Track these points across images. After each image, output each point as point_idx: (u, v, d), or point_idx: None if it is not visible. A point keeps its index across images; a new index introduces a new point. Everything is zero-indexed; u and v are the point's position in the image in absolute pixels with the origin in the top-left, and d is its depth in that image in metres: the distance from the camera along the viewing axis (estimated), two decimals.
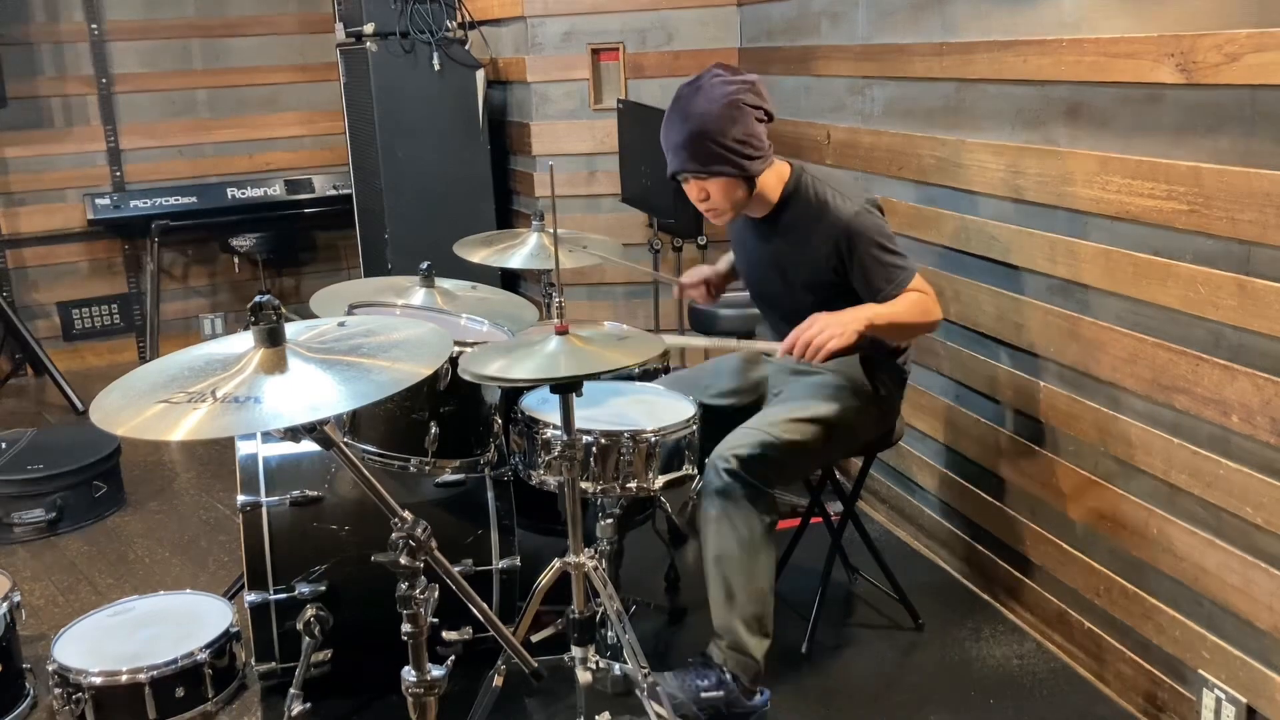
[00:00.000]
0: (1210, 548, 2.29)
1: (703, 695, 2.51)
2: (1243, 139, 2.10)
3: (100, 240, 5.50)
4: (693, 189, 2.57)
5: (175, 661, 2.55)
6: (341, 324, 1.76)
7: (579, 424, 2.25)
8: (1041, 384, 2.77)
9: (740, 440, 2.51)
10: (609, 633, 2.47)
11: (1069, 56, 2.52)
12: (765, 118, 2.52)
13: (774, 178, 2.59)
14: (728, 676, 2.51)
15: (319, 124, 5.80)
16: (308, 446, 1.87)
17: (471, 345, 2.43)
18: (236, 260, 5.57)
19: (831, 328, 2.39)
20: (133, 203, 5.34)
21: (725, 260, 2.99)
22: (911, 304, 2.50)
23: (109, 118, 5.43)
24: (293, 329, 1.66)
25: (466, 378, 2.21)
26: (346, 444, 2.41)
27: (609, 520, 2.53)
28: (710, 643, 2.55)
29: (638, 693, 2.35)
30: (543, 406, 2.49)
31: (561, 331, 2.22)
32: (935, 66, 3.04)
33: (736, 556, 2.47)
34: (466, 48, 4.69)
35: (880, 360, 2.69)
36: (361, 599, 2.54)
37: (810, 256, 2.58)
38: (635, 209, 4.32)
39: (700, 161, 2.49)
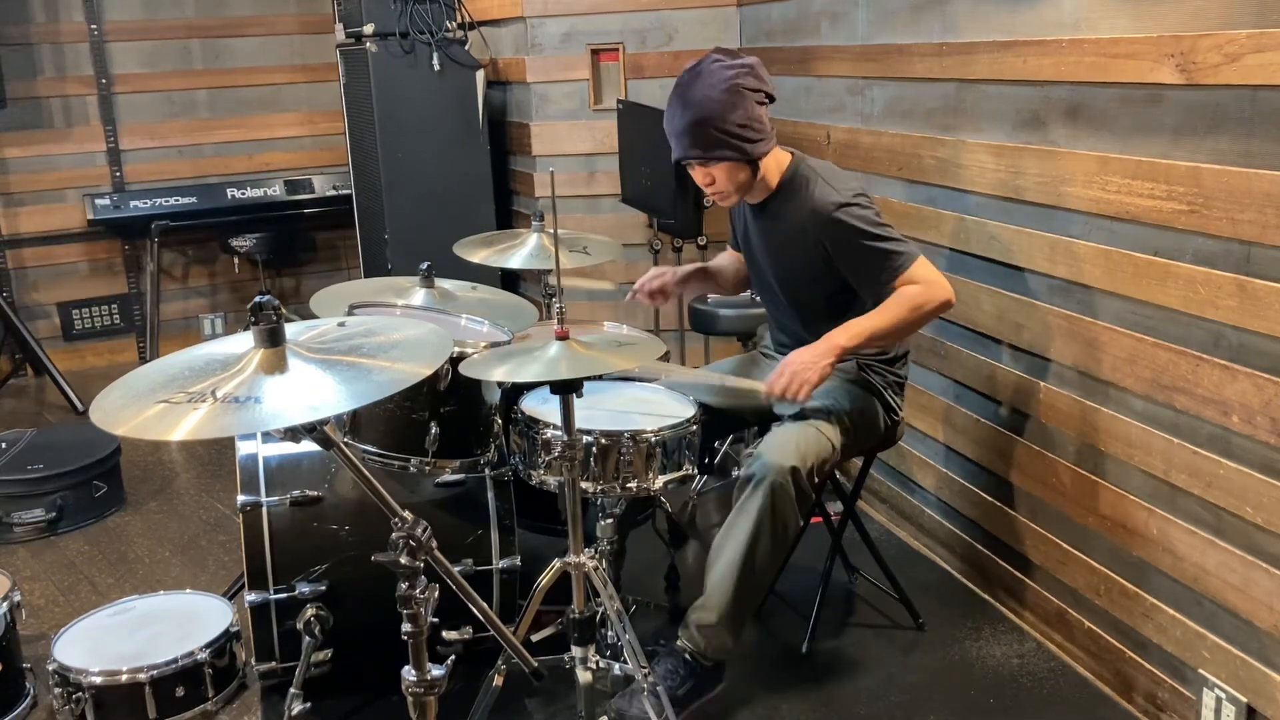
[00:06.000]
0: (1210, 547, 2.29)
1: (679, 693, 2.53)
2: (1243, 139, 2.10)
3: (100, 240, 5.50)
4: (698, 174, 2.60)
5: (175, 661, 2.56)
6: (341, 324, 1.76)
7: (579, 424, 2.26)
8: (1041, 384, 2.78)
9: (809, 444, 2.52)
10: (609, 633, 2.48)
11: (1069, 57, 2.52)
12: (766, 100, 2.53)
13: (774, 164, 2.61)
14: (688, 659, 2.54)
15: (319, 124, 5.80)
16: (308, 446, 1.88)
17: (471, 346, 2.43)
18: (236, 260, 5.57)
19: (803, 370, 2.44)
20: (133, 203, 5.34)
21: (690, 265, 2.98)
22: (897, 304, 2.49)
23: (109, 118, 5.43)
24: (293, 329, 1.66)
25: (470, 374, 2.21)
26: (346, 444, 2.41)
27: (609, 520, 2.53)
28: (690, 625, 2.55)
29: (641, 694, 2.36)
30: (543, 407, 2.49)
31: (562, 337, 2.22)
32: (935, 67, 3.04)
33: (767, 551, 2.49)
34: (466, 48, 4.69)
35: (877, 365, 2.70)
36: (362, 599, 2.54)
37: (801, 245, 2.59)
38: (635, 209, 4.32)
39: (703, 147, 2.51)
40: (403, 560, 1.65)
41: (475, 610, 1.82)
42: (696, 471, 2.54)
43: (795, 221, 2.59)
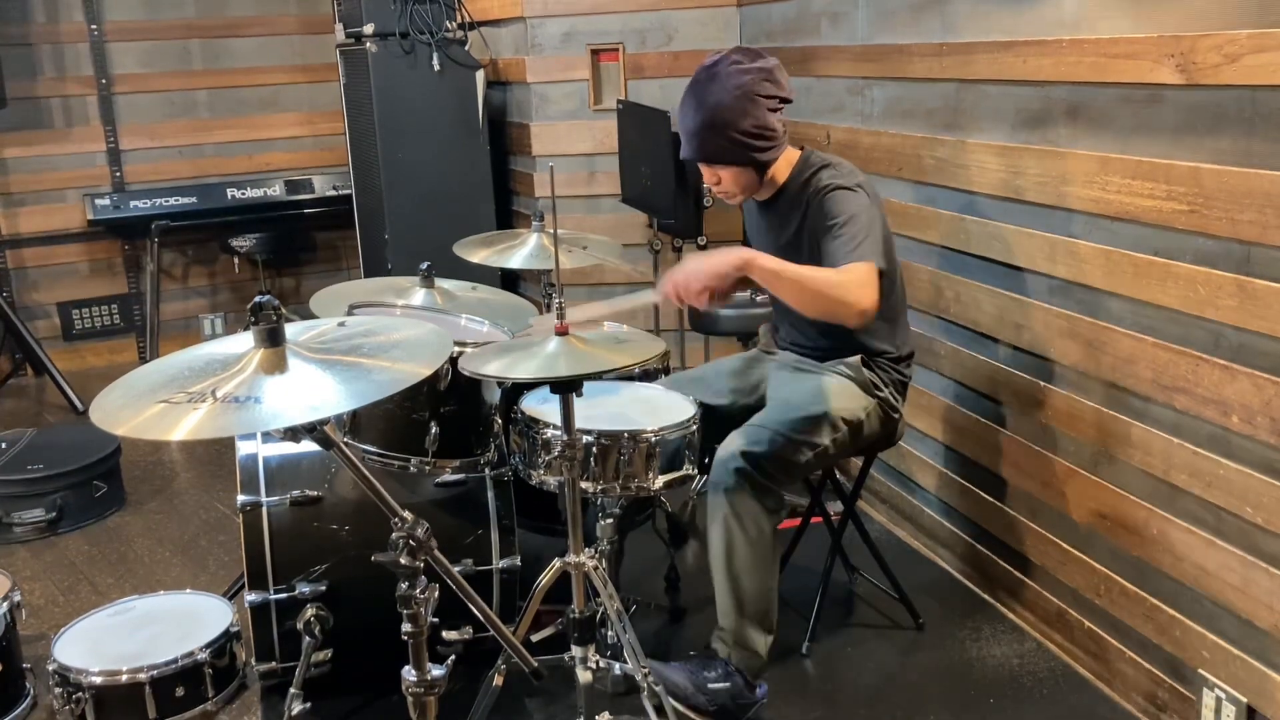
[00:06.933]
0: (1210, 548, 2.29)
1: (710, 686, 2.52)
2: (1243, 139, 2.10)
3: (100, 240, 5.50)
4: (705, 173, 2.63)
5: (175, 661, 2.55)
6: (341, 324, 1.77)
7: (579, 424, 2.25)
8: (1041, 384, 2.77)
9: (749, 437, 2.50)
10: (609, 632, 2.48)
11: (1069, 57, 2.52)
12: (780, 105, 2.53)
13: (784, 162, 2.62)
14: (732, 669, 2.53)
15: (319, 124, 5.80)
16: (308, 446, 1.87)
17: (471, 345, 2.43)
18: (236, 260, 5.57)
19: (696, 274, 2.32)
20: (133, 203, 5.34)
21: None
22: (818, 274, 2.37)
23: (109, 118, 5.43)
24: (293, 329, 1.66)
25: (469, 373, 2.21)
26: (346, 444, 2.41)
27: (609, 520, 2.53)
28: (714, 636, 2.56)
29: (641, 695, 2.36)
30: (543, 406, 2.49)
31: (561, 332, 2.22)
32: (935, 67, 3.04)
33: (744, 554, 2.47)
34: (466, 48, 4.70)
35: (883, 362, 2.70)
36: (362, 599, 2.54)
37: (804, 235, 2.59)
38: (635, 209, 4.32)
39: (711, 151, 2.54)
40: (403, 560, 1.65)
41: (475, 610, 1.82)
42: (696, 471, 2.53)
43: (800, 212, 2.60)
